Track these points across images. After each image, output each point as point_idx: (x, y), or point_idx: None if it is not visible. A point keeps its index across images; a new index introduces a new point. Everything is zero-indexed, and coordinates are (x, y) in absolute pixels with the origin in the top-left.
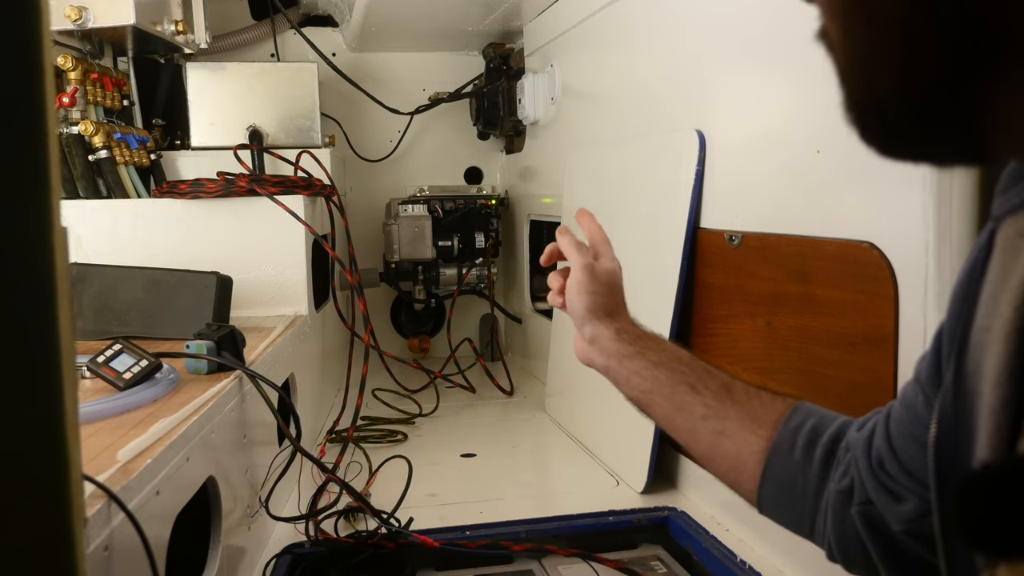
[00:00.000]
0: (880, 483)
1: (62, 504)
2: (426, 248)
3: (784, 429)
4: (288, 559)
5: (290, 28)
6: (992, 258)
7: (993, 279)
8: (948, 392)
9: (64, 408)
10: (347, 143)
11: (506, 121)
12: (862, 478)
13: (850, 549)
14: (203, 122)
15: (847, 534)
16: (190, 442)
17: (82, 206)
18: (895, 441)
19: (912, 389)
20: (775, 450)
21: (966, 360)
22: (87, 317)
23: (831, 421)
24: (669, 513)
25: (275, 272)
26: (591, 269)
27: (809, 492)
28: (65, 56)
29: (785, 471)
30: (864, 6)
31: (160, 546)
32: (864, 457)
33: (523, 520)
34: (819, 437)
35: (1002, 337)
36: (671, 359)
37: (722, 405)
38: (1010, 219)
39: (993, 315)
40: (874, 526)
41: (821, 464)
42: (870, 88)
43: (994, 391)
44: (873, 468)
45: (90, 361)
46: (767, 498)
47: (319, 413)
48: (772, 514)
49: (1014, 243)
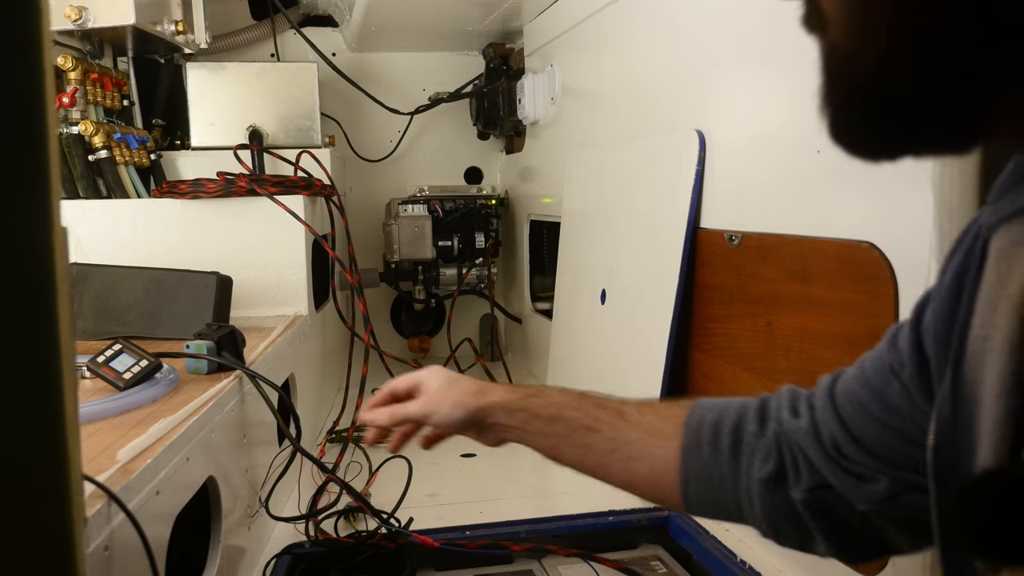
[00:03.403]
0: (841, 468)
1: (62, 504)
2: (426, 248)
3: (688, 431)
4: (288, 559)
5: (290, 28)
6: (986, 267)
7: (989, 288)
8: (946, 401)
9: (64, 408)
10: (347, 143)
11: (506, 121)
12: (814, 465)
13: (783, 528)
14: (203, 122)
15: (777, 515)
16: (190, 442)
17: (82, 206)
18: (851, 424)
19: (878, 375)
20: (685, 452)
21: (963, 369)
22: (87, 317)
23: (730, 410)
24: (669, 513)
25: (275, 272)
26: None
27: (727, 482)
28: (65, 56)
29: (700, 469)
30: None
31: (160, 546)
32: (814, 444)
33: (523, 520)
34: (722, 429)
35: (1004, 347)
36: (561, 409)
37: (620, 434)
38: (1003, 228)
39: (991, 324)
40: (822, 509)
41: (730, 454)
42: (874, 68)
43: (999, 401)
44: (829, 454)
45: (90, 361)
46: (693, 499)
47: (319, 413)
48: (702, 512)
49: (1009, 252)
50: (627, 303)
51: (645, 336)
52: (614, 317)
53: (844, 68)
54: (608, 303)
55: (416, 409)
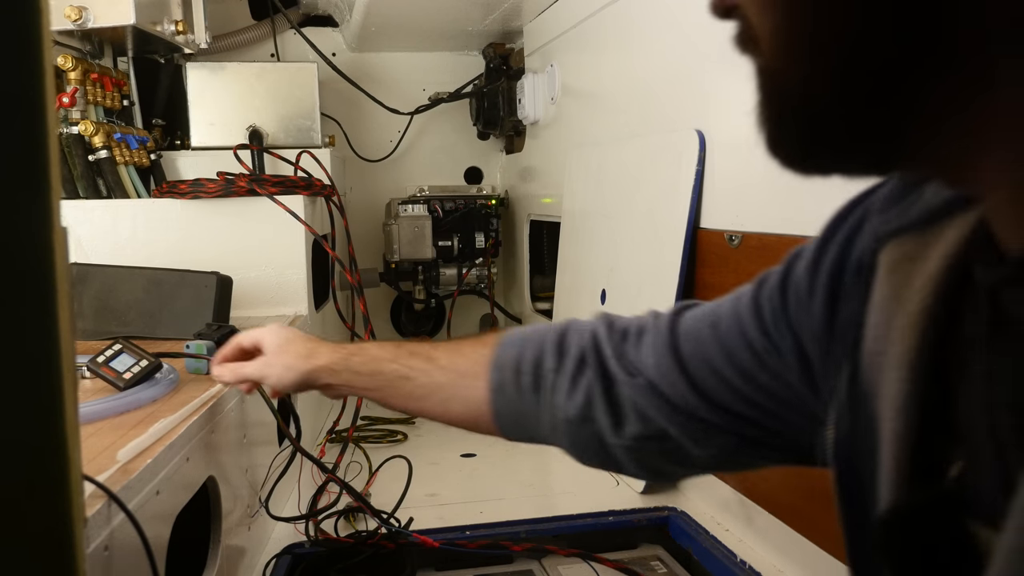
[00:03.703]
0: (687, 416)
1: (62, 504)
2: (426, 248)
3: (492, 370)
4: (288, 559)
5: (290, 28)
6: (877, 279)
7: (882, 301)
8: (844, 416)
9: (64, 408)
10: (347, 143)
11: (506, 121)
12: (649, 416)
13: (587, 454)
14: (203, 122)
15: (586, 450)
16: (190, 442)
17: (82, 206)
18: (698, 379)
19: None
20: (492, 392)
21: (859, 383)
22: (87, 317)
23: (530, 344)
24: (669, 513)
25: (275, 272)
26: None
27: (531, 418)
28: (65, 56)
29: (508, 407)
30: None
31: (160, 546)
32: (651, 396)
33: (523, 520)
34: (522, 366)
35: (904, 363)
36: (378, 362)
37: (433, 378)
38: (894, 241)
39: (888, 339)
40: (645, 454)
41: (532, 391)
42: (803, 87)
43: (899, 416)
44: (676, 406)
45: (90, 361)
46: (508, 432)
47: (319, 413)
48: (520, 440)
49: (903, 266)
50: (627, 303)
51: None
52: None
53: (775, 87)
54: (608, 303)
55: (252, 371)
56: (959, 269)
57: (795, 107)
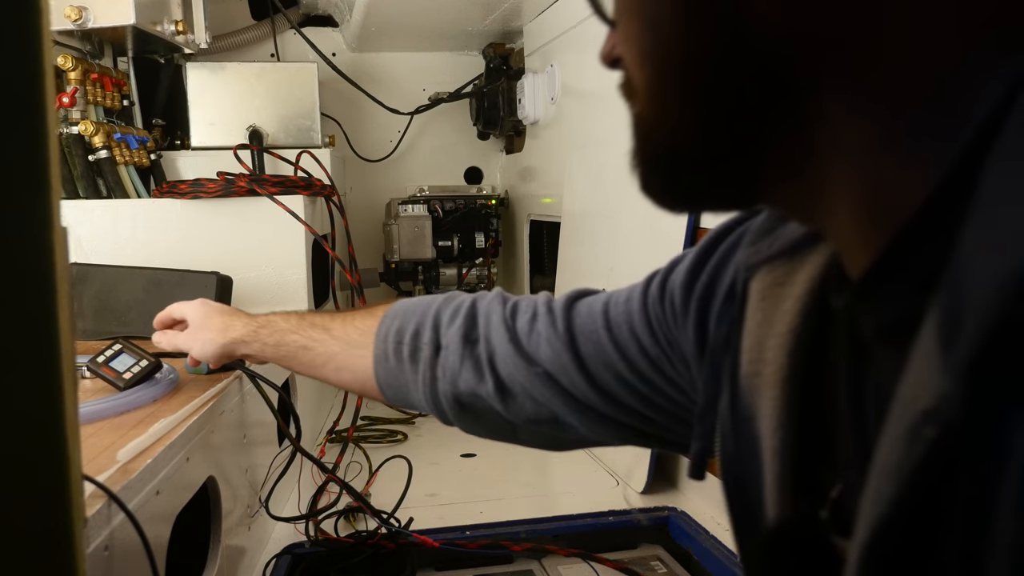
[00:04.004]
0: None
1: (62, 504)
2: (426, 248)
3: (376, 342)
4: (288, 559)
5: (290, 28)
6: (749, 306)
7: (754, 327)
8: (728, 438)
9: (64, 408)
10: (347, 143)
11: (506, 121)
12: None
13: (478, 426)
14: (203, 122)
15: (469, 417)
16: (190, 442)
17: (82, 206)
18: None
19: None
20: (376, 362)
21: (739, 406)
22: (87, 317)
23: (411, 316)
24: (669, 513)
25: (275, 272)
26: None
27: (411, 387)
28: (65, 56)
29: (389, 377)
30: (679, 50)
31: (160, 546)
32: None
33: (523, 520)
34: (403, 337)
35: (776, 382)
36: (284, 332)
37: (328, 348)
38: (765, 269)
39: (761, 361)
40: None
41: (410, 361)
42: (669, 132)
43: (775, 433)
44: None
45: (90, 361)
46: (389, 397)
47: (319, 413)
48: (398, 405)
49: (773, 292)
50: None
51: None
52: None
53: (646, 135)
54: None
55: (181, 342)
56: (821, 294)
57: (663, 154)
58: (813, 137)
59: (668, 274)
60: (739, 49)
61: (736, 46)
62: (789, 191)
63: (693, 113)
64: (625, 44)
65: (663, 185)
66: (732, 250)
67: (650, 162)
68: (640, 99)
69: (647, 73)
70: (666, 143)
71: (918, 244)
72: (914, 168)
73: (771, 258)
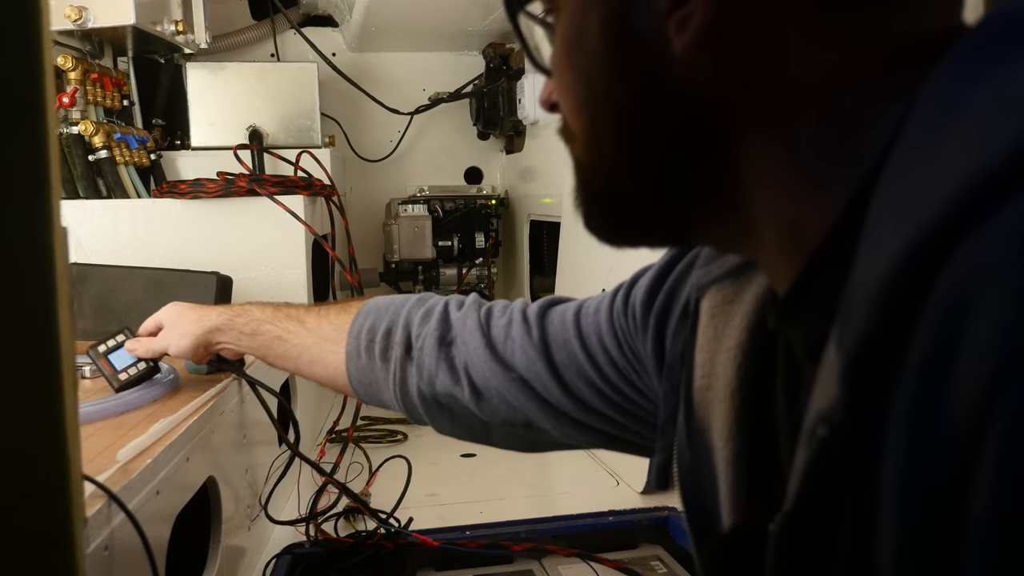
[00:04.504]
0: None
1: (62, 504)
2: (426, 248)
3: (349, 338)
4: (288, 559)
5: (290, 28)
6: (700, 323)
7: (706, 343)
8: (685, 451)
9: (64, 408)
10: (347, 143)
11: (506, 121)
12: (517, 406)
13: (456, 429)
14: (203, 122)
15: (446, 419)
16: (190, 442)
17: (82, 206)
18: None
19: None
20: (348, 358)
21: (693, 419)
22: (87, 317)
23: (384, 314)
24: (669, 513)
25: (275, 272)
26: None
27: (381, 384)
28: (65, 56)
29: (360, 373)
30: (609, 104)
31: (160, 546)
32: (522, 392)
33: (523, 520)
34: (375, 335)
35: (727, 395)
36: (259, 323)
37: (303, 340)
38: (715, 288)
39: (713, 375)
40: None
41: (381, 359)
42: (605, 175)
43: (727, 444)
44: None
45: (91, 348)
46: (360, 394)
47: (319, 413)
48: (368, 402)
49: (723, 309)
50: None
51: None
52: None
53: (585, 178)
54: None
55: (158, 344)
56: (765, 312)
57: (601, 195)
58: (737, 178)
59: (631, 288)
60: (663, 102)
61: (661, 100)
62: (720, 228)
63: (626, 158)
64: (561, 94)
65: (604, 223)
66: (688, 269)
67: (590, 202)
68: (578, 144)
69: (583, 122)
70: (603, 185)
71: (825, 269)
72: (824, 198)
73: (720, 278)
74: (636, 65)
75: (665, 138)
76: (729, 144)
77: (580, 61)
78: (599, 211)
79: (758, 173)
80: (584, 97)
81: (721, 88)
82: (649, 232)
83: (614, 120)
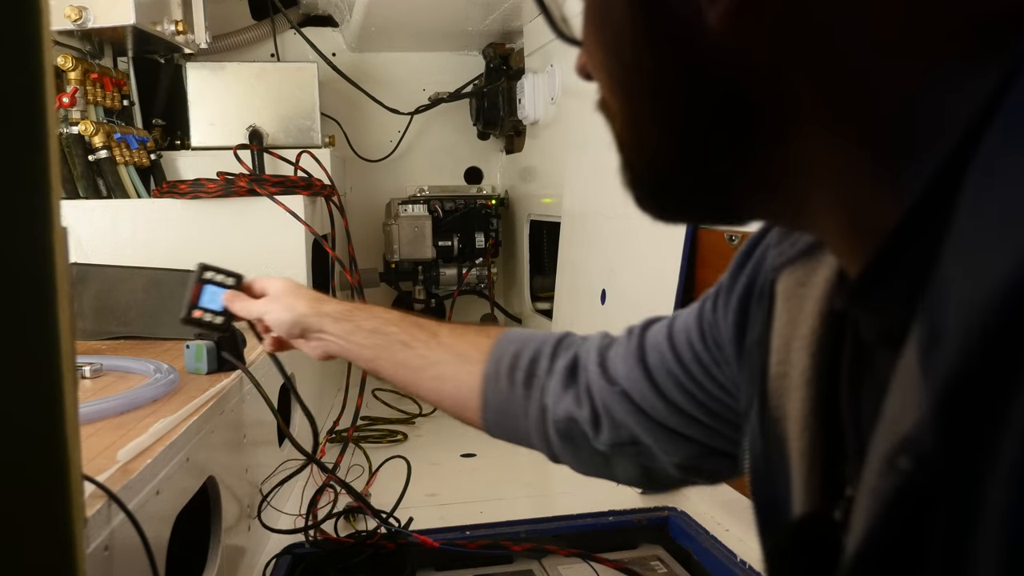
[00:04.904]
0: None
1: (62, 504)
2: (426, 248)
3: (490, 361)
4: (288, 559)
5: (290, 28)
6: (776, 307)
7: (781, 328)
8: (757, 440)
9: (64, 408)
10: (347, 143)
11: (506, 121)
12: (620, 422)
13: (578, 458)
14: (203, 122)
15: (570, 447)
16: (190, 442)
17: (82, 206)
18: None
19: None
20: (485, 380)
21: (768, 406)
22: (87, 317)
23: (531, 344)
24: (669, 513)
25: (275, 272)
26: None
27: (520, 413)
28: (65, 56)
29: (497, 399)
30: (643, 80)
31: (160, 546)
32: (622, 402)
33: (523, 520)
34: (518, 362)
35: (802, 384)
36: (383, 323)
37: (433, 352)
38: (788, 270)
39: (788, 362)
40: (625, 458)
41: (523, 386)
42: (646, 155)
43: (803, 435)
44: (643, 411)
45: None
46: (492, 425)
47: (319, 413)
48: (503, 438)
49: (797, 293)
50: (627, 303)
51: None
52: (614, 317)
53: (628, 160)
54: (608, 303)
55: (256, 307)
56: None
57: (647, 181)
58: (787, 158)
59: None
60: (700, 76)
61: (697, 73)
62: (768, 208)
63: (668, 138)
64: (594, 70)
65: (653, 202)
66: (767, 252)
67: (636, 183)
68: (618, 123)
69: (620, 100)
70: (647, 167)
71: (902, 251)
72: (894, 180)
73: (792, 259)
74: (667, 37)
75: (706, 114)
76: (779, 127)
77: (608, 35)
78: (648, 193)
79: (814, 158)
80: (617, 73)
81: (763, 61)
82: (699, 213)
83: (651, 97)
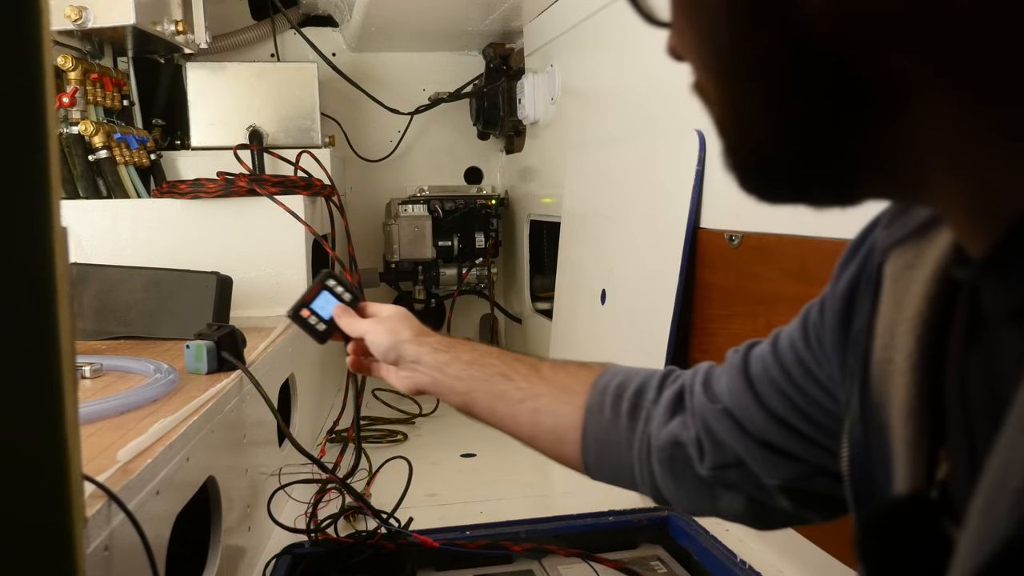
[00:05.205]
0: (756, 442)
1: (62, 504)
2: (426, 248)
3: (593, 392)
4: (288, 559)
5: (290, 28)
6: (883, 290)
7: (887, 311)
8: (857, 426)
9: (64, 408)
10: (347, 143)
11: (506, 121)
12: (723, 442)
13: (684, 494)
14: (203, 122)
15: (674, 481)
16: (190, 442)
17: (82, 206)
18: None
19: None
20: (588, 411)
21: (870, 393)
22: (87, 317)
23: (636, 376)
24: (669, 513)
25: (275, 272)
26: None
27: (623, 445)
28: (65, 56)
29: (600, 431)
30: (741, 63)
31: (160, 546)
32: (724, 420)
33: (523, 520)
34: (624, 392)
35: (907, 369)
36: (482, 356)
37: (533, 385)
38: (896, 251)
39: (893, 347)
40: (728, 484)
41: (628, 416)
42: (753, 141)
43: (907, 422)
44: (745, 429)
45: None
46: (592, 460)
47: (319, 413)
48: (601, 475)
49: (904, 275)
50: (627, 303)
51: (645, 336)
52: (614, 317)
53: (730, 145)
54: (608, 303)
55: (361, 326)
56: (948, 273)
57: (754, 166)
58: (902, 132)
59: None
60: (806, 57)
61: (803, 54)
62: (886, 187)
63: (776, 125)
64: (687, 54)
65: (758, 186)
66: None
67: (739, 168)
68: (716, 107)
69: (717, 85)
70: (751, 152)
71: None
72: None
73: (902, 239)
74: (763, 15)
75: (813, 93)
76: (888, 94)
77: (700, 19)
78: (752, 177)
79: (935, 135)
80: (711, 58)
81: (870, 29)
82: (809, 194)
83: (750, 81)
